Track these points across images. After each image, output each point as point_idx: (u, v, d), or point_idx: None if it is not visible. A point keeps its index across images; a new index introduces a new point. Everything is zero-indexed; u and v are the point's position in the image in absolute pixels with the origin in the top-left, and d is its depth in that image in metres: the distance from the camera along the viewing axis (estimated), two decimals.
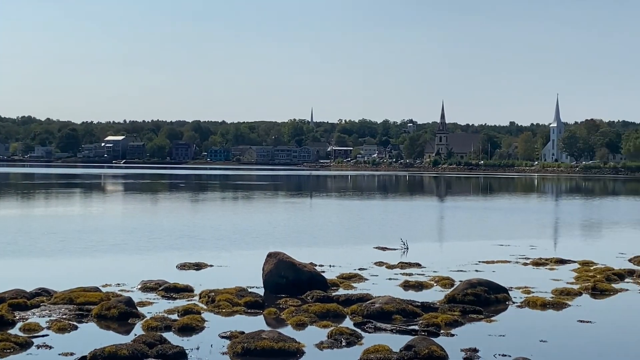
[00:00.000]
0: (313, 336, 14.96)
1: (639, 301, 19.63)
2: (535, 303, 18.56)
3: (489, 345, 14.39)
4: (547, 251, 29.51)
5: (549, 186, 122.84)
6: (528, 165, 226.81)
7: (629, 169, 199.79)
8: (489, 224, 44.49)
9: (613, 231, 41.32)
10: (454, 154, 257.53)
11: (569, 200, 76.98)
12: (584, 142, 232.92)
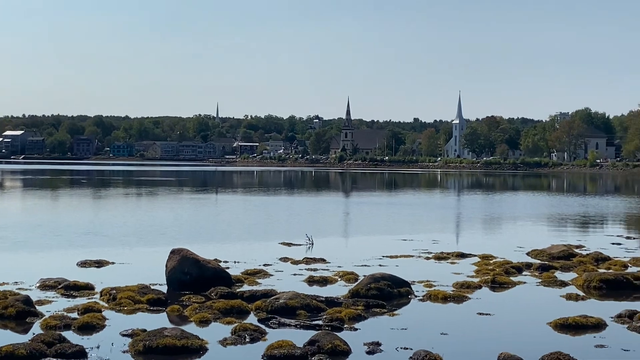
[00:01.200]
0: (216, 333, 14.87)
1: (536, 293, 20.13)
2: (437, 296, 18.90)
3: (391, 339, 14.58)
4: (448, 245, 30.04)
5: (451, 181, 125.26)
6: (431, 161, 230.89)
7: (528, 164, 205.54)
8: (393, 219, 45.07)
9: (512, 225, 42.41)
10: (359, 150, 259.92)
11: (470, 196, 78.66)
12: (485, 139, 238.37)
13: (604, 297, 19.63)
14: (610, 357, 13.67)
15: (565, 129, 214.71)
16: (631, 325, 15.94)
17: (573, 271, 23.48)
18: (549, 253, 26.81)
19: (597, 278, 20.81)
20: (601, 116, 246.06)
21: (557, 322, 16.01)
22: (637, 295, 19.78)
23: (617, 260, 25.55)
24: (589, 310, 17.01)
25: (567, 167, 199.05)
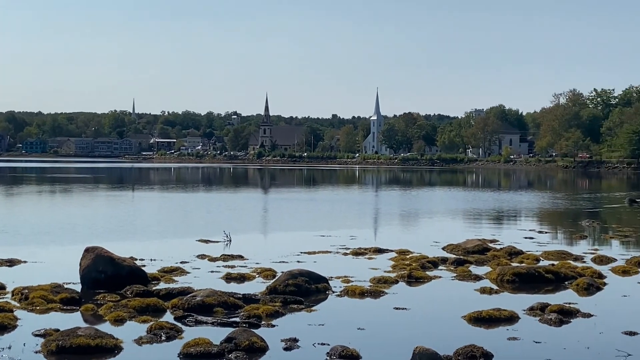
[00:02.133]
0: (132, 331, 14.65)
1: (451, 288, 20.43)
2: (354, 292, 19.01)
3: (308, 335, 14.60)
4: (366, 241, 30.25)
5: (369, 177, 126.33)
6: (350, 157, 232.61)
7: (444, 160, 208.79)
8: (311, 215, 45.19)
9: (429, 221, 42.97)
10: (278, 146, 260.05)
11: (388, 191, 79.44)
12: (403, 135, 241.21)
13: (517, 290, 20.05)
14: (522, 349, 13.97)
15: (480, 125, 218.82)
16: (543, 318, 16.32)
17: (487, 265, 23.92)
18: (464, 248, 27.26)
19: (510, 272, 21.25)
20: (515, 113, 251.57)
21: (471, 316, 16.28)
22: (549, 288, 20.28)
23: (530, 254, 26.12)
24: (502, 304, 17.34)
25: (482, 162, 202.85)
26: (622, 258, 25.65)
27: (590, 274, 21.79)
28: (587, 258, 25.80)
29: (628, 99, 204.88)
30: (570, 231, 35.98)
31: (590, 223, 39.13)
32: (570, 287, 20.25)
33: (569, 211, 49.95)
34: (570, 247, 29.10)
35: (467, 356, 13.18)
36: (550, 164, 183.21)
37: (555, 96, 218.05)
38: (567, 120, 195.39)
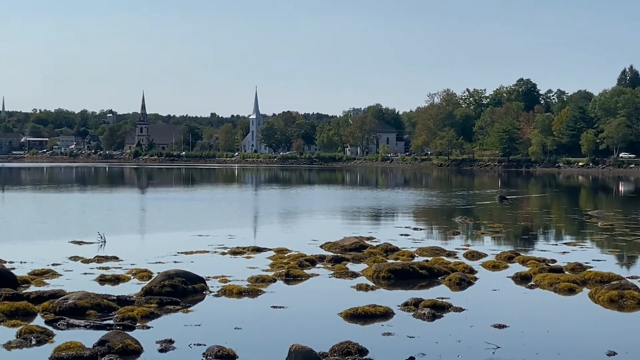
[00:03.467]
0: (0, 336, 14.12)
1: (328, 285, 20.59)
2: (232, 291, 18.92)
3: (185, 336, 14.44)
4: (245, 240, 30.15)
5: (248, 176, 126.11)
6: (229, 156, 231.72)
7: (323, 159, 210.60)
8: (189, 215, 44.73)
9: (307, 219, 43.23)
10: (155, 145, 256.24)
11: (267, 190, 79.50)
12: (282, 134, 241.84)
13: (392, 286, 20.41)
14: (396, 344, 14.23)
15: (358, 124, 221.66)
16: (416, 313, 16.67)
17: (364, 262, 24.23)
18: (341, 245, 27.54)
19: (385, 268, 21.60)
20: (391, 112, 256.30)
21: (347, 313, 16.47)
22: (423, 284, 20.73)
23: (405, 250, 26.65)
24: (377, 300, 17.63)
25: (360, 161, 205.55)
26: (492, 253, 26.50)
27: (462, 269, 22.42)
28: (460, 254, 26.52)
29: (499, 99, 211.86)
30: (444, 228, 36.90)
31: (463, 220, 40.26)
32: (443, 282, 20.77)
33: (443, 208, 51.23)
34: (444, 244, 29.84)
35: (343, 352, 13.32)
36: (426, 162, 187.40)
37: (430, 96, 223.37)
38: (441, 119, 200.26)
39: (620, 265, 24.44)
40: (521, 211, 50.09)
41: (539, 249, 28.97)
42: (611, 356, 13.44)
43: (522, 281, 21.10)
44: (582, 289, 19.85)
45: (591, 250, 28.66)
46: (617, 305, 17.82)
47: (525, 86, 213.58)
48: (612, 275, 20.95)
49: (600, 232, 35.14)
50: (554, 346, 14.21)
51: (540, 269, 22.45)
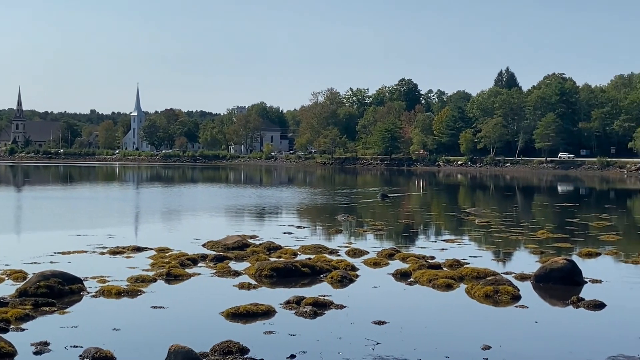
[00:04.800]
0: None
1: (210, 284, 20.42)
2: (110, 292, 18.51)
3: (61, 338, 14.05)
4: (125, 239, 29.55)
5: (130, 174, 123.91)
6: (109, 154, 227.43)
7: (206, 157, 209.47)
8: (67, 213, 43.58)
9: (190, 218, 42.76)
10: (32, 142, 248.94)
11: (149, 189, 78.30)
12: (164, 131, 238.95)
13: (275, 284, 20.42)
14: (277, 342, 14.23)
15: (242, 122, 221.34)
16: (298, 311, 16.72)
17: (247, 261, 24.15)
18: (224, 244, 27.38)
19: (268, 267, 21.59)
20: (276, 110, 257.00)
21: (229, 312, 16.37)
22: (305, 281, 20.82)
23: (288, 248, 26.70)
24: (260, 298, 17.60)
25: (244, 159, 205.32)
26: (374, 250, 26.86)
27: (344, 266, 22.64)
28: (342, 251, 26.77)
29: (381, 99, 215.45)
30: (327, 226, 37.18)
31: (346, 217, 40.69)
32: (326, 280, 20.91)
33: (327, 206, 51.62)
34: (327, 241, 30.08)
35: (224, 352, 13.23)
36: (310, 161, 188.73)
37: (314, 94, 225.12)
38: (325, 118, 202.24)
39: (496, 262, 25.16)
40: (402, 209, 51.01)
41: (419, 245, 29.56)
42: (486, 350, 13.82)
43: (402, 278, 21.47)
44: (459, 284, 20.36)
45: (468, 246, 29.43)
46: (492, 301, 18.36)
47: (407, 86, 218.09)
48: (488, 271, 21.56)
49: (477, 229, 36.15)
50: (431, 341, 14.52)
51: (419, 265, 22.90)
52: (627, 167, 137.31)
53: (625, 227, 39.40)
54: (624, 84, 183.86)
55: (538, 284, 20.60)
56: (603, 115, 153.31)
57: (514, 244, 30.35)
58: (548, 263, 21.37)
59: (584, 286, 20.39)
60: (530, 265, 23.45)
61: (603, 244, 30.18)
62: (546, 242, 30.54)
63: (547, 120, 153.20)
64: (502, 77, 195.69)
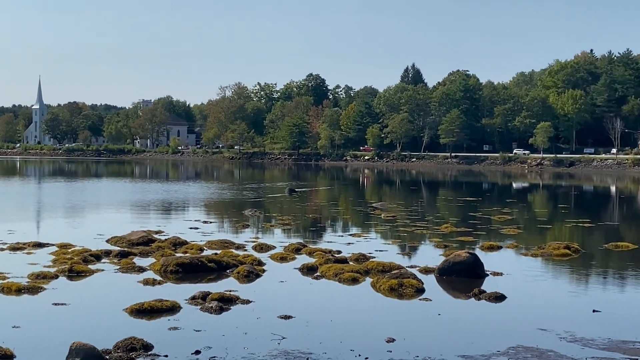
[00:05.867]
0: None
1: (114, 280, 20.08)
2: (10, 289, 18.04)
3: None
4: (25, 235, 28.77)
5: (31, 169, 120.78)
6: (10, 148, 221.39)
7: (111, 151, 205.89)
8: None
9: (93, 213, 41.96)
10: None
11: (51, 183, 76.42)
12: (68, 125, 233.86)
13: (180, 280, 20.23)
14: (182, 338, 14.10)
15: (148, 116, 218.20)
16: (204, 306, 16.61)
17: (152, 256, 23.87)
18: (128, 239, 26.98)
19: (173, 262, 21.37)
20: (182, 104, 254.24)
21: (133, 308, 16.14)
22: (211, 277, 20.70)
23: (194, 244, 26.50)
24: (165, 294, 17.41)
25: (150, 153, 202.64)
26: (281, 245, 26.92)
27: (251, 261, 22.60)
28: (249, 246, 26.73)
29: (289, 93, 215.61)
30: (234, 221, 37.03)
31: (253, 212, 40.61)
32: (232, 275, 20.83)
33: (234, 201, 51.40)
34: (234, 237, 29.96)
35: (127, 349, 13.04)
36: (217, 155, 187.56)
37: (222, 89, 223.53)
38: (232, 112, 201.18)
39: (401, 255, 25.53)
40: (310, 204, 51.22)
41: (326, 240, 29.74)
42: (390, 343, 14.00)
43: (309, 272, 21.57)
44: (365, 278, 20.57)
45: (374, 241, 29.76)
46: (397, 294, 18.61)
47: (315, 81, 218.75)
48: (393, 264, 21.85)
49: (383, 223, 36.59)
50: (337, 335, 14.62)
51: (326, 260, 23.04)
52: (527, 162, 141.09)
53: (526, 221, 40.50)
54: (525, 81, 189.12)
55: (441, 277, 20.99)
56: (505, 111, 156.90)
57: (419, 237, 30.84)
58: (451, 256, 21.79)
59: (485, 279, 20.88)
60: (435, 258, 23.85)
61: (504, 237, 30.97)
62: (450, 236, 31.14)
63: (452, 116, 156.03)
64: (408, 73, 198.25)
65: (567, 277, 22.49)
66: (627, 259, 25.60)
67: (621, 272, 23.35)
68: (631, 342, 14.34)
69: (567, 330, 15.07)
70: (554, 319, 16.18)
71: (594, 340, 14.37)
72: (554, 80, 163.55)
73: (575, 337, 14.64)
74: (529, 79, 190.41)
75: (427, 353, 13.37)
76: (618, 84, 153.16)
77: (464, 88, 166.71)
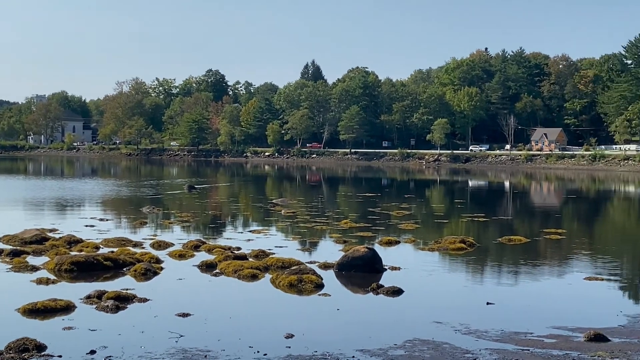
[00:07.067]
0: None
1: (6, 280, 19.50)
2: None
3: None
4: None
5: None
6: None
7: (3, 147, 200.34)
8: None
9: None
10: None
11: None
12: None
13: (75, 279, 19.78)
14: (77, 338, 13.79)
15: (42, 111, 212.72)
16: (100, 305, 16.28)
17: (45, 255, 23.27)
18: (21, 238, 26.23)
19: (68, 261, 20.87)
20: (78, 100, 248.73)
21: (26, 308, 15.70)
22: (107, 275, 20.30)
23: (90, 242, 25.97)
24: (59, 294, 16.99)
25: (44, 150, 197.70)
26: (179, 242, 26.63)
27: (149, 259, 22.28)
28: (147, 244, 26.37)
29: (188, 89, 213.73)
30: (132, 218, 36.44)
31: (151, 209, 40.04)
32: (129, 273, 20.49)
33: (132, 198, 50.59)
34: (131, 234, 29.51)
35: (19, 349, 12.67)
36: (115, 152, 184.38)
37: (119, 84, 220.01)
38: (130, 108, 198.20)
39: (301, 251, 25.60)
40: (210, 200, 50.87)
41: (226, 237, 29.59)
42: (289, 338, 14.01)
43: (208, 269, 21.40)
44: (265, 274, 20.54)
45: (275, 237, 29.77)
46: (296, 290, 18.65)
47: (215, 77, 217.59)
48: (293, 260, 21.89)
49: (283, 219, 36.63)
50: (236, 332, 14.54)
51: (225, 256, 22.91)
52: (425, 158, 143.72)
53: (423, 216, 41.22)
54: (423, 78, 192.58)
55: (341, 272, 21.14)
56: (403, 108, 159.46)
57: (318, 233, 31.01)
58: (350, 252, 21.97)
59: (383, 273, 21.14)
60: (334, 254, 24.00)
61: (402, 232, 31.45)
62: (349, 231, 31.42)
63: (351, 112, 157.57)
64: (308, 69, 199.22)
65: (462, 271, 22.99)
66: (519, 253, 26.35)
67: (514, 265, 24.01)
68: (523, 333, 14.75)
69: (462, 323, 15.40)
70: (450, 312, 16.51)
71: (488, 332, 14.73)
72: (450, 78, 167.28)
73: (470, 329, 14.97)
74: (427, 77, 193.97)
75: (326, 348, 13.44)
76: (511, 81, 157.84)
77: (363, 85, 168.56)
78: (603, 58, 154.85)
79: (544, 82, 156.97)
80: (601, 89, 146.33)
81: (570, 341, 14.20)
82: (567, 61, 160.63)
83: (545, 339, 14.28)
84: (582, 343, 14.04)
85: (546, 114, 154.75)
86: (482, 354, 13.23)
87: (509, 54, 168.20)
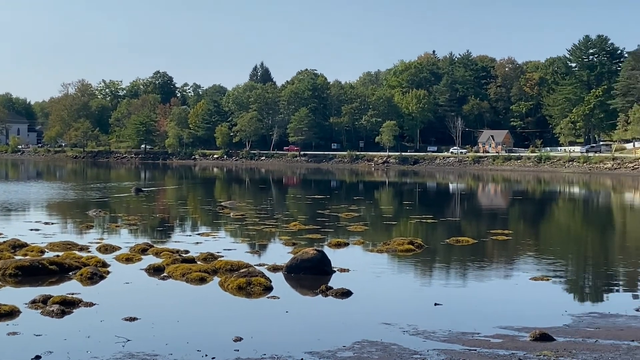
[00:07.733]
0: None
1: None
2: None
3: None
4: None
5: None
6: None
7: None
8: None
9: None
10: None
11: None
12: None
13: (20, 284, 19.48)
14: (22, 343, 13.57)
15: None
16: (45, 310, 16.04)
17: None
18: None
19: (12, 265, 20.52)
20: (23, 102, 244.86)
21: None
22: (53, 280, 20.03)
23: (35, 246, 25.56)
24: (3, 299, 16.72)
25: None
26: (126, 246, 26.37)
27: (95, 263, 22.02)
28: (93, 247, 26.06)
29: (135, 91, 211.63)
30: (78, 221, 36.00)
31: (98, 212, 39.58)
32: (75, 277, 20.23)
33: (78, 201, 49.93)
34: (77, 238, 29.13)
35: None
36: (60, 154, 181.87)
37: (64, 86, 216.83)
38: (76, 110, 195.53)
39: (250, 254, 25.54)
40: (157, 203, 50.46)
41: (174, 240, 29.39)
42: (237, 342, 13.95)
43: (155, 273, 21.22)
44: (213, 278, 20.45)
45: (223, 240, 29.65)
46: (245, 292, 18.60)
47: (162, 79, 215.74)
48: (242, 263, 21.83)
49: (232, 222, 36.49)
50: (183, 335, 14.43)
51: (173, 260, 22.75)
52: (374, 160, 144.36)
53: (372, 217, 41.40)
54: (372, 80, 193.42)
55: (289, 275, 21.13)
56: (352, 110, 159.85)
57: (267, 236, 30.96)
58: (299, 254, 21.97)
59: (332, 275, 21.18)
60: (283, 256, 23.97)
61: (351, 234, 31.55)
62: (298, 233, 31.42)
63: (301, 114, 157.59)
64: (257, 71, 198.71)
65: (410, 272, 23.15)
66: (467, 254, 26.61)
67: (461, 266, 24.25)
68: (470, 333, 14.90)
69: (410, 324, 15.50)
70: (398, 313, 16.60)
71: (435, 333, 14.85)
72: (398, 80, 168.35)
73: (418, 330, 15.08)
74: (375, 79, 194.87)
75: (275, 350, 13.42)
76: (459, 84, 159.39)
77: (312, 87, 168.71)
78: (548, 61, 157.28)
79: (490, 84, 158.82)
80: (546, 92, 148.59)
81: (517, 341, 14.38)
82: (513, 64, 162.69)
83: (492, 339, 14.44)
84: (528, 343, 14.23)
85: (493, 116, 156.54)
86: (430, 354, 13.33)
87: (456, 57, 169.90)
